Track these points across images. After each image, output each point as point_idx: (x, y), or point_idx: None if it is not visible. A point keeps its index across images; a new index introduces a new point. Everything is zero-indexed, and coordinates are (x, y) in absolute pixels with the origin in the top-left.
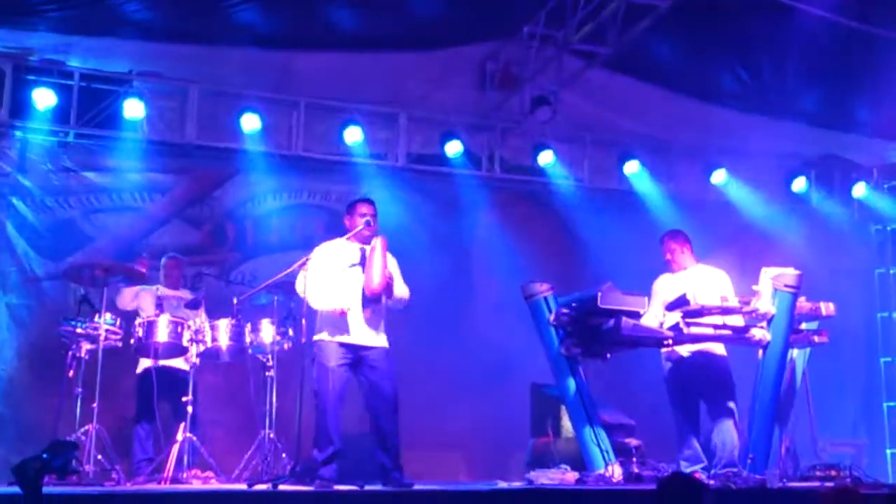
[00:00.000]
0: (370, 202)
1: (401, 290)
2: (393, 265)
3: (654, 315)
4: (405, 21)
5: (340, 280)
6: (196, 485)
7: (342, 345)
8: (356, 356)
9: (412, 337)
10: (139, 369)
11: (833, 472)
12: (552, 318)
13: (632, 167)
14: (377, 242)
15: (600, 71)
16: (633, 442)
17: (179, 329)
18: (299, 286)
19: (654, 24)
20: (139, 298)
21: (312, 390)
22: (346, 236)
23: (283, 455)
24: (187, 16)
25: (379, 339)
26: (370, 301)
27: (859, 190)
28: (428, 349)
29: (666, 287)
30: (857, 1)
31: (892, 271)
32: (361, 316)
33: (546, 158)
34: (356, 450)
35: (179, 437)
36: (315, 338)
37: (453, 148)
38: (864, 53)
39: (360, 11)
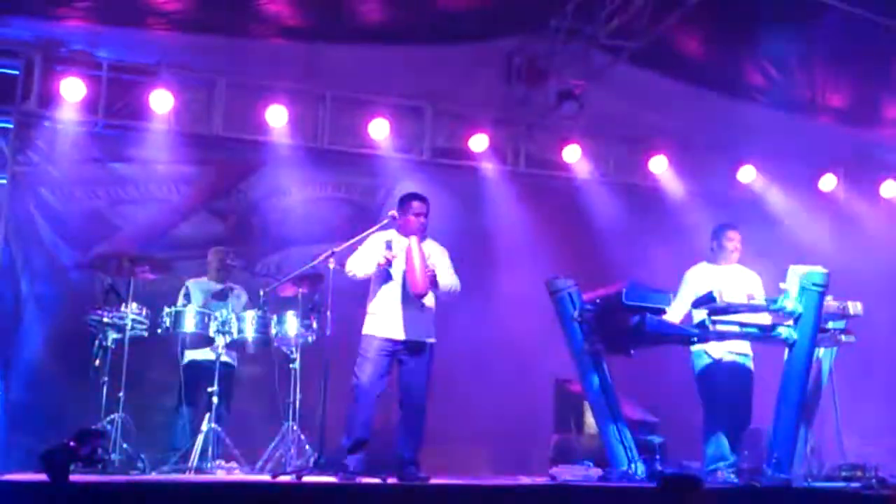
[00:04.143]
0: (423, 199)
1: (448, 280)
2: (442, 256)
3: (681, 306)
4: (432, 14)
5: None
6: (220, 475)
7: (385, 339)
8: (398, 350)
9: (434, 331)
10: (185, 360)
11: (858, 473)
12: (576, 313)
13: (658, 163)
14: (412, 242)
15: (627, 66)
16: (657, 439)
17: (206, 320)
18: (349, 267)
19: (681, 19)
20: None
21: (326, 381)
22: (410, 235)
23: (307, 447)
24: (215, 7)
25: (421, 334)
26: (414, 298)
27: (888, 188)
28: (450, 343)
29: (703, 278)
30: None
31: None
32: (404, 312)
33: (571, 153)
34: (380, 442)
35: (204, 427)
36: (363, 332)
37: (479, 142)
38: (893, 50)
39: (387, 4)
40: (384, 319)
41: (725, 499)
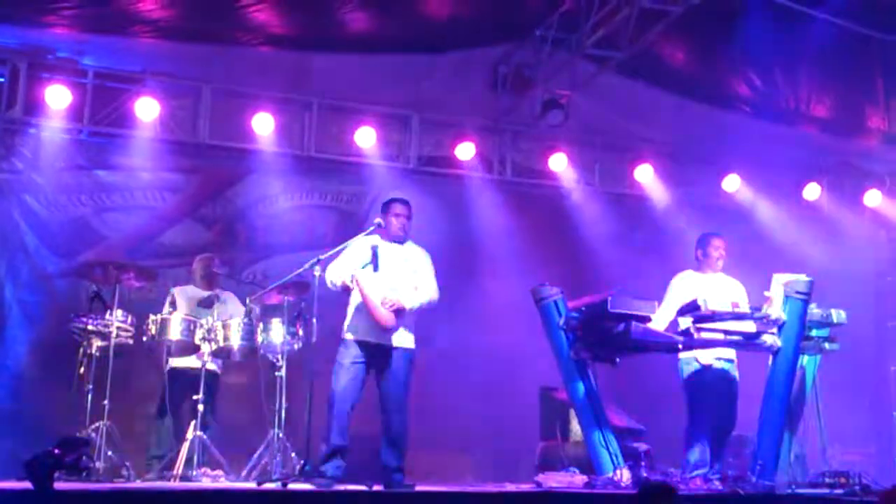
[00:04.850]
0: (405, 203)
1: (419, 298)
2: (424, 262)
3: (667, 314)
4: (418, 23)
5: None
6: (206, 483)
7: (362, 343)
8: (375, 355)
9: (421, 339)
10: (167, 367)
11: (842, 480)
12: (562, 321)
13: (643, 172)
14: (359, 280)
15: (612, 75)
16: (643, 446)
17: (192, 327)
18: (331, 274)
19: (666, 29)
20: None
21: (312, 388)
22: (397, 238)
23: (293, 454)
24: (201, 15)
25: (400, 340)
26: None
27: (872, 197)
28: (437, 351)
29: (688, 286)
30: (870, 7)
31: None
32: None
33: (557, 162)
34: (365, 449)
35: (189, 434)
36: (342, 336)
37: (465, 150)
38: (877, 60)
39: (373, 13)
40: (359, 323)
41: None
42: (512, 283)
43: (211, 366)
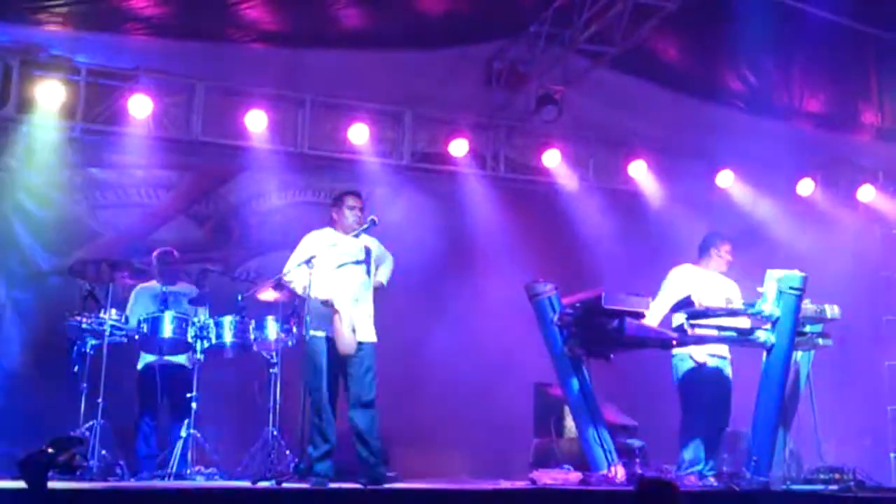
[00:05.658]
0: (358, 194)
1: (387, 274)
2: (380, 248)
3: (663, 306)
4: (412, 19)
5: (341, 274)
6: (200, 481)
7: (331, 341)
8: (338, 350)
9: (415, 335)
10: (140, 365)
11: (837, 475)
12: (556, 317)
13: (637, 167)
14: (338, 310)
15: (606, 71)
16: (637, 443)
17: (184, 325)
18: (291, 276)
19: (660, 24)
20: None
21: (306, 387)
22: (352, 231)
23: (287, 452)
24: (194, 13)
25: (366, 335)
26: (352, 299)
27: (865, 192)
28: (430, 348)
29: (686, 280)
30: (863, 3)
31: None
32: (350, 313)
33: (551, 158)
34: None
35: (183, 433)
36: (309, 333)
37: (459, 147)
38: (870, 55)
39: (366, 9)
40: (324, 321)
41: (705, 502)
42: (506, 280)
43: (180, 360)
